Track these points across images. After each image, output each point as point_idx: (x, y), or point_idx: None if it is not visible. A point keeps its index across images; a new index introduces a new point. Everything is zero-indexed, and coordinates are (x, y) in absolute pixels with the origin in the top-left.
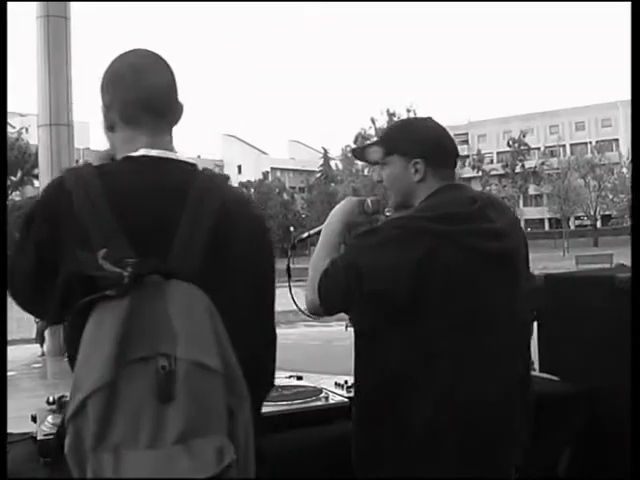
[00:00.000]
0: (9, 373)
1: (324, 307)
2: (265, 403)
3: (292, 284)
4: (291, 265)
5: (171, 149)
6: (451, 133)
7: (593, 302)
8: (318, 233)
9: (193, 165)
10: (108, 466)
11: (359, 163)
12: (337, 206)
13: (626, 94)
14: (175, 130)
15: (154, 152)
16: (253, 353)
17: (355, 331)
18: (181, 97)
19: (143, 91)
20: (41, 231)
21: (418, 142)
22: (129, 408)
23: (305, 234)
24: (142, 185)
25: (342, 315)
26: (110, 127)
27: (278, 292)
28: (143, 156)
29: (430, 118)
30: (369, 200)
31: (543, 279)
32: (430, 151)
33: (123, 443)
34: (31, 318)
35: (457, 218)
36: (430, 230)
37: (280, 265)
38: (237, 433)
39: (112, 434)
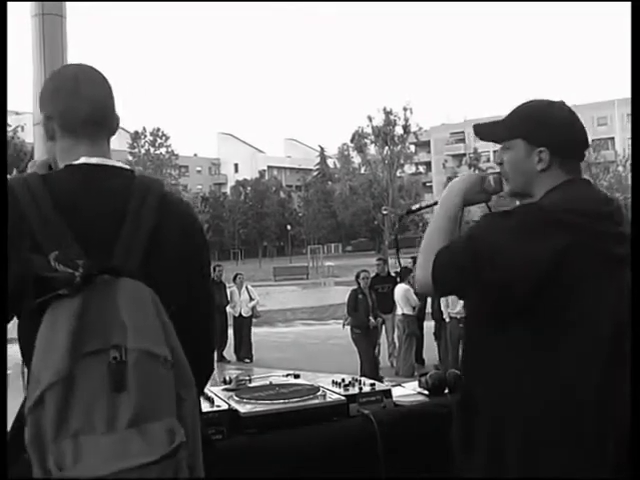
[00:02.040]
0: (8, 372)
1: (436, 286)
2: (262, 401)
3: (281, 284)
4: (291, 264)
5: (109, 157)
6: (446, 132)
7: None
8: (429, 206)
9: (131, 171)
10: (68, 452)
11: (356, 162)
12: (456, 180)
13: (622, 92)
14: (172, 128)
15: (94, 160)
16: (193, 340)
17: (466, 319)
18: (177, 96)
19: (82, 103)
20: None
21: (546, 129)
22: (85, 398)
23: (416, 205)
24: (85, 190)
25: (339, 313)
26: (51, 137)
27: (270, 291)
28: (84, 164)
29: (563, 102)
30: (491, 177)
31: None
32: (558, 140)
33: (81, 430)
34: None
35: (599, 217)
36: (572, 224)
37: (279, 263)
38: (185, 417)
39: (70, 423)
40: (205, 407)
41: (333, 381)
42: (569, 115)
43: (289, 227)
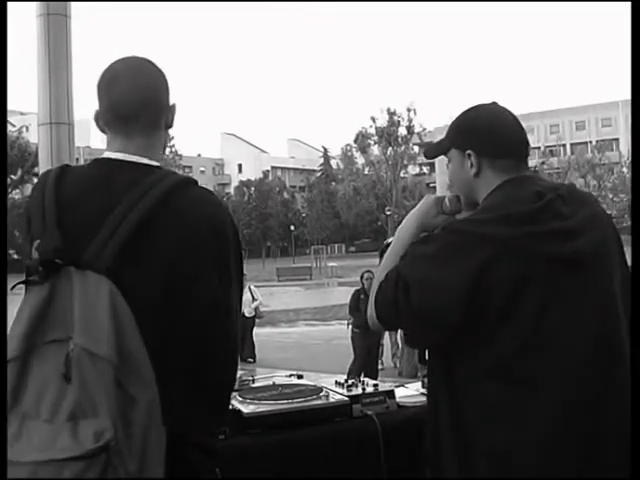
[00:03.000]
0: None
1: (380, 322)
2: (265, 402)
3: (284, 285)
4: (294, 265)
5: (142, 152)
6: None
7: None
8: None
9: (154, 167)
10: (11, 430)
11: (359, 162)
12: (412, 211)
13: (626, 94)
14: (175, 128)
15: (114, 155)
16: (193, 348)
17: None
18: (180, 96)
19: (111, 99)
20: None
21: (467, 131)
22: (38, 383)
23: (391, 238)
24: (87, 184)
25: (343, 314)
26: (102, 130)
27: (273, 292)
28: (104, 158)
29: (494, 103)
30: (447, 198)
31: None
32: (480, 141)
33: (28, 414)
34: None
35: (518, 219)
36: (487, 236)
37: (283, 264)
38: (135, 419)
39: (21, 403)
40: None
41: (336, 382)
42: (492, 115)
43: (292, 227)
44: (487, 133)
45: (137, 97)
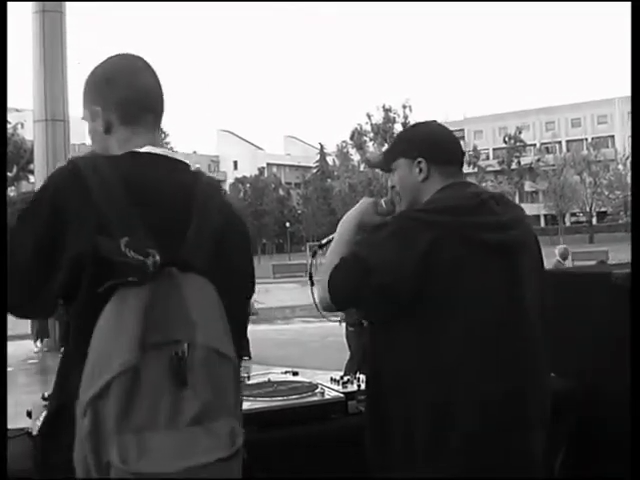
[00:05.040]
0: (9, 369)
1: (334, 303)
2: (260, 399)
3: (280, 282)
4: (290, 262)
5: (165, 147)
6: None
7: (589, 298)
8: None
9: (188, 165)
10: (132, 446)
11: (355, 159)
12: (351, 210)
13: (622, 91)
14: (170, 125)
15: (159, 150)
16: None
17: (367, 325)
18: (176, 93)
19: (140, 91)
20: (45, 218)
21: (418, 141)
22: (149, 391)
23: (325, 239)
24: (155, 179)
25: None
26: (107, 129)
27: (269, 289)
28: (149, 153)
29: (434, 121)
30: (382, 201)
31: None
32: (431, 149)
33: (144, 425)
34: None
35: (459, 211)
36: (433, 222)
37: (278, 261)
38: (240, 417)
39: (134, 416)
40: None
41: (332, 378)
42: (437, 128)
43: (288, 224)
44: (436, 142)
45: (159, 91)
